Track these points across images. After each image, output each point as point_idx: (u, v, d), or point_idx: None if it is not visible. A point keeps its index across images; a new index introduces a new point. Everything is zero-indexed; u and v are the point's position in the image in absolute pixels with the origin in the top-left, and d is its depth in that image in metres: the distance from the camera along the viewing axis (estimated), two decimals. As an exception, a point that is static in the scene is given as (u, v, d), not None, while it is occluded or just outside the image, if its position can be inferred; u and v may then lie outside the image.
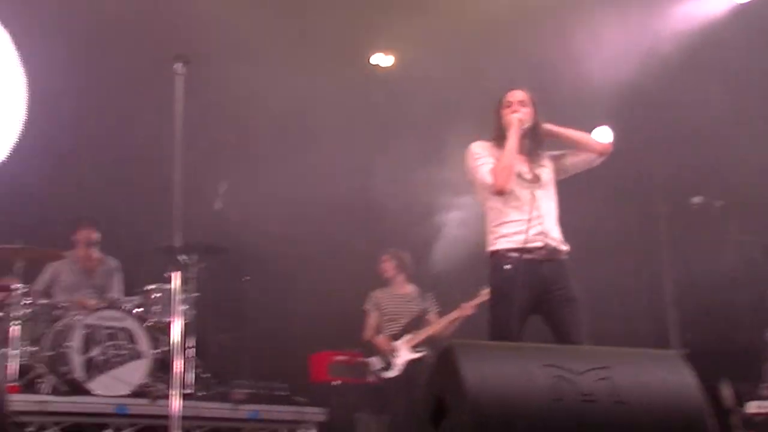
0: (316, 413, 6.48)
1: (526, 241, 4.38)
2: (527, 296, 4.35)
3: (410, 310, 7.20)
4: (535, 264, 4.40)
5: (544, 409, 2.73)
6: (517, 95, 4.68)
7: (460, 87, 7.80)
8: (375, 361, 7.09)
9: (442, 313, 7.20)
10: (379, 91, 8.65)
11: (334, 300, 7.54)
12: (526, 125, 4.58)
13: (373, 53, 9.07)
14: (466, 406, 2.72)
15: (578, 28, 7.37)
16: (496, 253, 4.50)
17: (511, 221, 4.48)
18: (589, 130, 8.48)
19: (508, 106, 4.65)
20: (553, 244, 4.49)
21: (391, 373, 6.98)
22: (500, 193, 4.47)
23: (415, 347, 7.01)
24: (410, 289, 7.33)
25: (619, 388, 2.83)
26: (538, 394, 2.76)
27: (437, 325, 7.10)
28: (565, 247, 4.55)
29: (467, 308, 6.97)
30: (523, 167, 4.56)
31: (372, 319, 7.26)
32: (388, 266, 7.35)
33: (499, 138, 4.62)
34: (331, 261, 7.95)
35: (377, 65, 9.10)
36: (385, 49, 9.07)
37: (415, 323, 7.12)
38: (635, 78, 7.38)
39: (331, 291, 7.67)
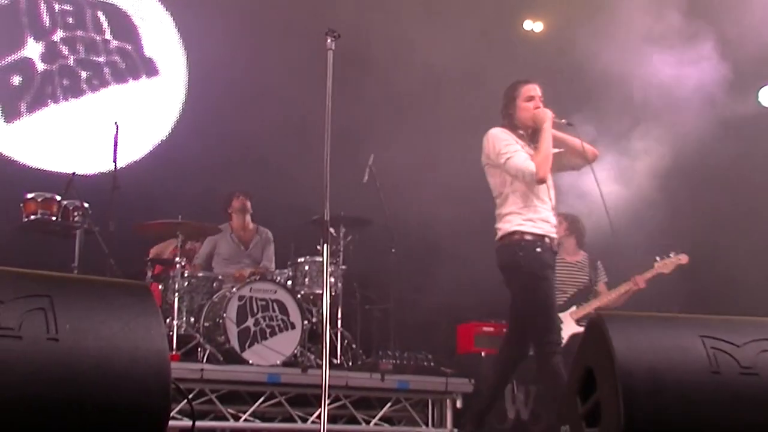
0: (462, 384, 6.47)
1: (548, 231, 4.85)
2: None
3: (578, 280, 6.82)
4: (551, 252, 4.87)
5: (699, 382, 2.60)
6: (537, 90, 4.98)
7: (607, 53, 7.55)
8: None
9: (610, 284, 6.78)
10: (531, 57, 8.52)
11: (481, 270, 7.46)
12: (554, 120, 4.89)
13: (525, 19, 9.07)
14: (616, 379, 2.63)
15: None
16: (520, 234, 4.82)
17: (536, 206, 4.83)
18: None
19: (530, 100, 4.94)
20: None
21: None
22: (542, 181, 4.77)
23: (579, 321, 6.61)
24: (581, 256, 6.91)
25: (783, 361, 2.66)
26: (693, 366, 2.63)
27: (605, 297, 6.67)
28: None
29: (640, 281, 6.49)
30: None
31: None
32: (558, 228, 6.98)
33: (513, 127, 4.96)
34: (479, 231, 7.86)
35: (531, 30, 9.10)
36: (534, 15, 9.05)
37: (582, 295, 6.74)
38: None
39: (477, 261, 7.60)
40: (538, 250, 4.78)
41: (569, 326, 6.63)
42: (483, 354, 7.07)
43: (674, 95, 6.44)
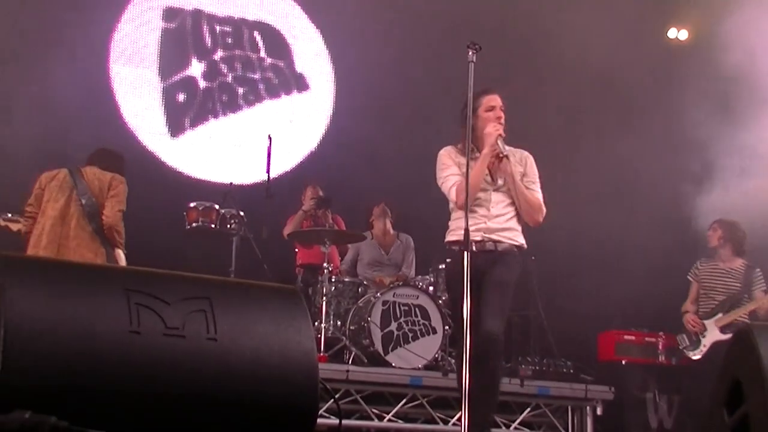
0: (603, 392, 6.46)
1: (465, 236, 4.54)
2: (472, 284, 4.50)
3: (729, 286, 6.50)
4: (473, 255, 4.52)
5: None
6: (498, 100, 4.73)
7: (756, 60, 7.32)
8: (682, 339, 6.64)
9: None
10: (676, 66, 8.37)
11: (621, 277, 7.38)
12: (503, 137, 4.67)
13: (670, 27, 8.96)
14: (765, 391, 2.56)
15: None
16: (446, 244, 4.81)
17: (461, 217, 4.57)
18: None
19: (491, 110, 4.73)
20: (495, 238, 4.71)
21: (697, 354, 6.51)
22: (460, 207, 4.66)
23: (724, 329, 6.35)
24: (737, 263, 6.57)
25: None
26: None
27: (754, 304, 6.35)
28: (511, 242, 4.77)
29: None
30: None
31: (693, 291, 6.71)
32: (713, 235, 6.65)
33: (475, 139, 4.64)
34: (620, 238, 7.76)
35: (675, 39, 8.98)
36: (679, 23, 8.92)
37: (731, 303, 6.45)
38: None
39: (617, 268, 7.52)
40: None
41: (712, 334, 6.46)
42: (624, 362, 7.02)
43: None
